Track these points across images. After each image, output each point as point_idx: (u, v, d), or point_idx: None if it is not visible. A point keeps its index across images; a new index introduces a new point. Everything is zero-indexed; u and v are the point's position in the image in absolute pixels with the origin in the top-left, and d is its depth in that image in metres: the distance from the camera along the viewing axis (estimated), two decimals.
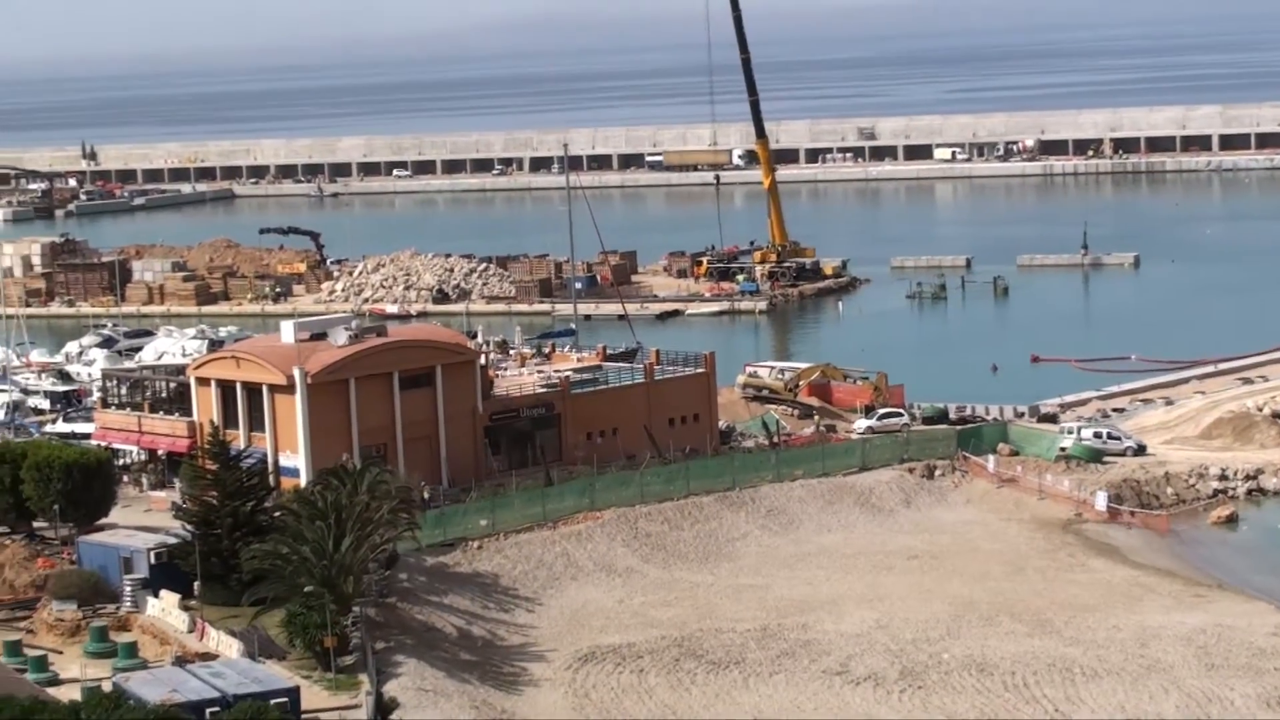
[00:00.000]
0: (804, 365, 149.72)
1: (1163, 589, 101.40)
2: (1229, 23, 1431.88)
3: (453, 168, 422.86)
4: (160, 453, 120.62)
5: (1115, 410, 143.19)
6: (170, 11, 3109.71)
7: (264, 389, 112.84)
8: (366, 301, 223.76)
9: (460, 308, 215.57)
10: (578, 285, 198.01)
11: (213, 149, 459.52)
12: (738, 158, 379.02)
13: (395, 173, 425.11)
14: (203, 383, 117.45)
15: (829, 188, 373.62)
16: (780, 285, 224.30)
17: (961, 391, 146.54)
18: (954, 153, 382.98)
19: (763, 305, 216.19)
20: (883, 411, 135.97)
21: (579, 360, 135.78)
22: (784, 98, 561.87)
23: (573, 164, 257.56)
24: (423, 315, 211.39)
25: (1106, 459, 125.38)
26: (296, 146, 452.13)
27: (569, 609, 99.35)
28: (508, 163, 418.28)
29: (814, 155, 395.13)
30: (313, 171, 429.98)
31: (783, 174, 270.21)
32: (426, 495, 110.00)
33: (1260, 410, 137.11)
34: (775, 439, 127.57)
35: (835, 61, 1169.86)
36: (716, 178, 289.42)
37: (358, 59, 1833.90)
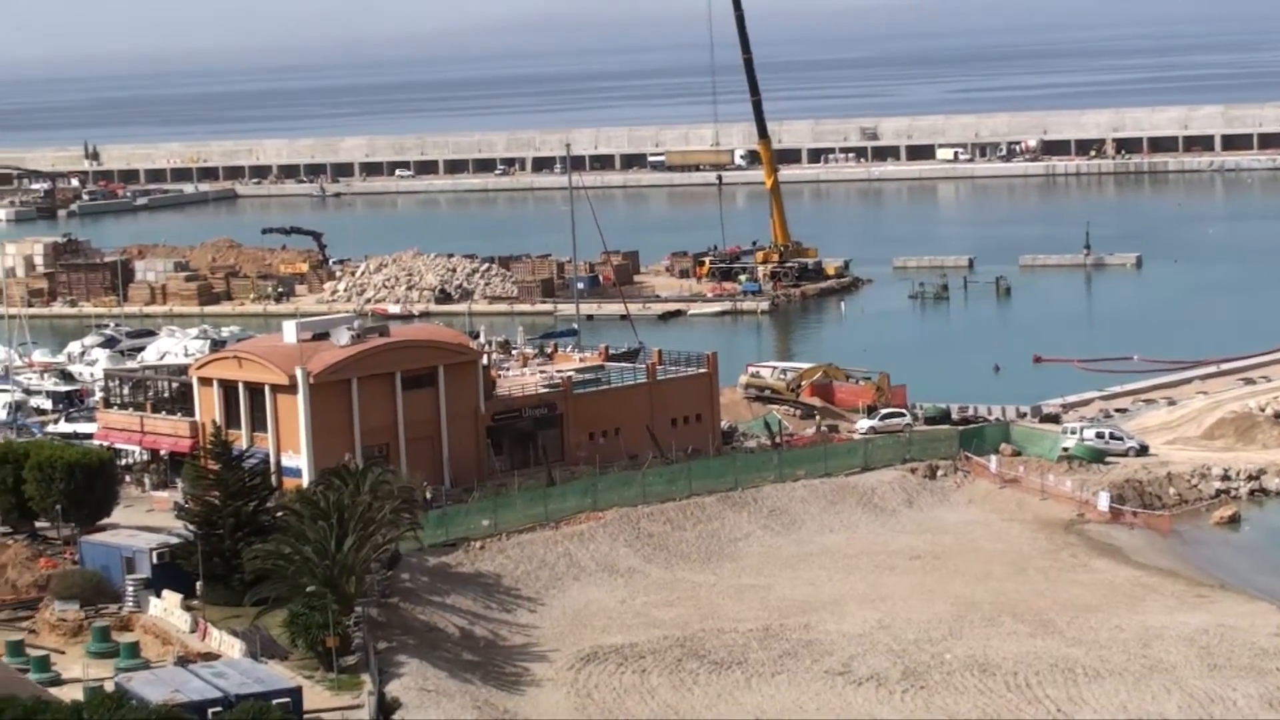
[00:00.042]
0: (806, 365, 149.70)
1: (1165, 589, 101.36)
2: (1230, 23, 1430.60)
3: (455, 168, 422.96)
4: (162, 453, 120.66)
5: (1118, 410, 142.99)
6: (170, 11, 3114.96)
7: (266, 389, 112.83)
8: (369, 301, 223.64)
9: (463, 308, 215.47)
10: (580, 285, 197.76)
11: (215, 149, 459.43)
12: (740, 158, 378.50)
13: (398, 173, 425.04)
14: (205, 383, 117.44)
15: (831, 188, 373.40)
16: (782, 285, 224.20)
17: (964, 392, 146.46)
18: (956, 153, 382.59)
19: (765, 305, 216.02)
20: (885, 412, 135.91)
21: (581, 360, 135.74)
22: (786, 98, 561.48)
23: (575, 164, 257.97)
24: (425, 315, 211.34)
25: (1109, 459, 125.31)
26: (299, 146, 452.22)
27: (571, 609, 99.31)
28: (510, 163, 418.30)
29: (816, 155, 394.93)
30: (315, 171, 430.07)
31: (785, 174, 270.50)
32: (429, 495, 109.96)
33: (1263, 410, 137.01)
34: (777, 439, 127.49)
35: (837, 61, 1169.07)
36: (719, 178, 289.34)
37: (358, 59, 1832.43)
